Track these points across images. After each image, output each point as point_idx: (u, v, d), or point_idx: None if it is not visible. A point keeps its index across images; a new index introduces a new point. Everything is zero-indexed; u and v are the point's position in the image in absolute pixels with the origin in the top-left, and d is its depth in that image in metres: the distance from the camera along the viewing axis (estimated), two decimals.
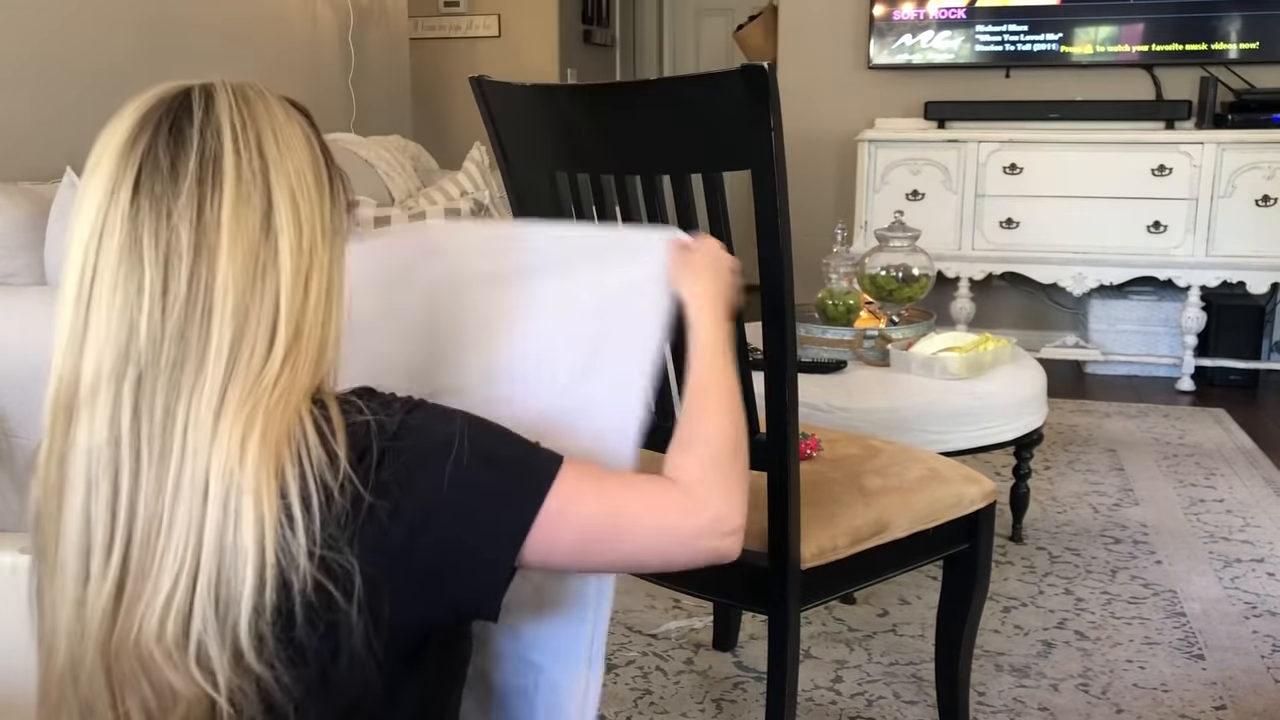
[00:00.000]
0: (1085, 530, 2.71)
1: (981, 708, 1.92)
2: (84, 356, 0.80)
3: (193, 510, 0.77)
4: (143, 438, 0.78)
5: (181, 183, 0.80)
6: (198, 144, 0.81)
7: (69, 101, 2.72)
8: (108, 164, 0.82)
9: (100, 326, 0.79)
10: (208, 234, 0.80)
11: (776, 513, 1.41)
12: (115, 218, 0.80)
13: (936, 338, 2.48)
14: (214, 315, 0.79)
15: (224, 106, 0.84)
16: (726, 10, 6.24)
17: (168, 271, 0.79)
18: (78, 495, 0.79)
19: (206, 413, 0.78)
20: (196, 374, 0.78)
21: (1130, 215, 3.96)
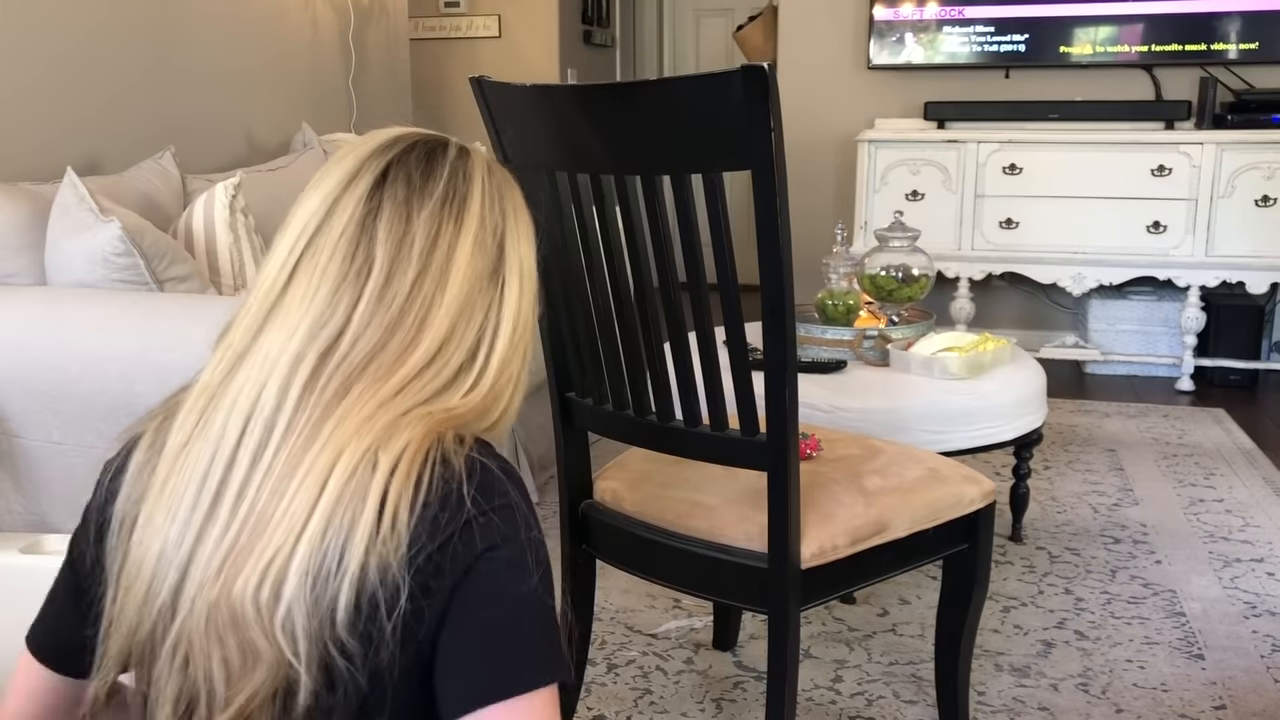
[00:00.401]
0: (1085, 530, 2.72)
1: (981, 707, 1.92)
2: (273, 316, 0.83)
3: (325, 474, 0.78)
4: (306, 404, 0.80)
5: (427, 200, 0.85)
6: (447, 175, 0.87)
7: (69, 102, 2.73)
8: (352, 159, 0.87)
9: (304, 295, 0.83)
10: (439, 256, 0.85)
11: (776, 513, 1.42)
12: (348, 202, 0.84)
13: (936, 338, 2.48)
14: (426, 330, 0.83)
15: (479, 164, 0.90)
16: (726, 10, 6.24)
17: (394, 268, 0.83)
18: (229, 437, 0.81)
19: (375, 402, 0.80)
20: (390, 368, 0.82)
21: (1130, 215, 3.96)
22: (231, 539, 0.79)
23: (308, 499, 0.77)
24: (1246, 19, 4.04)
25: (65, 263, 2.14)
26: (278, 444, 0.80)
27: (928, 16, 4.32)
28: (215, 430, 0.81)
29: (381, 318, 0.82)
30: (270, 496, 0.79)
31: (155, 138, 2.93)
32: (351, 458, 0.78)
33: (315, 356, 0.81)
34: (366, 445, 0.78)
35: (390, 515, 0.76)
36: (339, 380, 0.81)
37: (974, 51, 4.31)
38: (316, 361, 0.81)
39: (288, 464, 0.79)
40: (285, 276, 0.84)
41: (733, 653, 2.12)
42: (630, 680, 2.01)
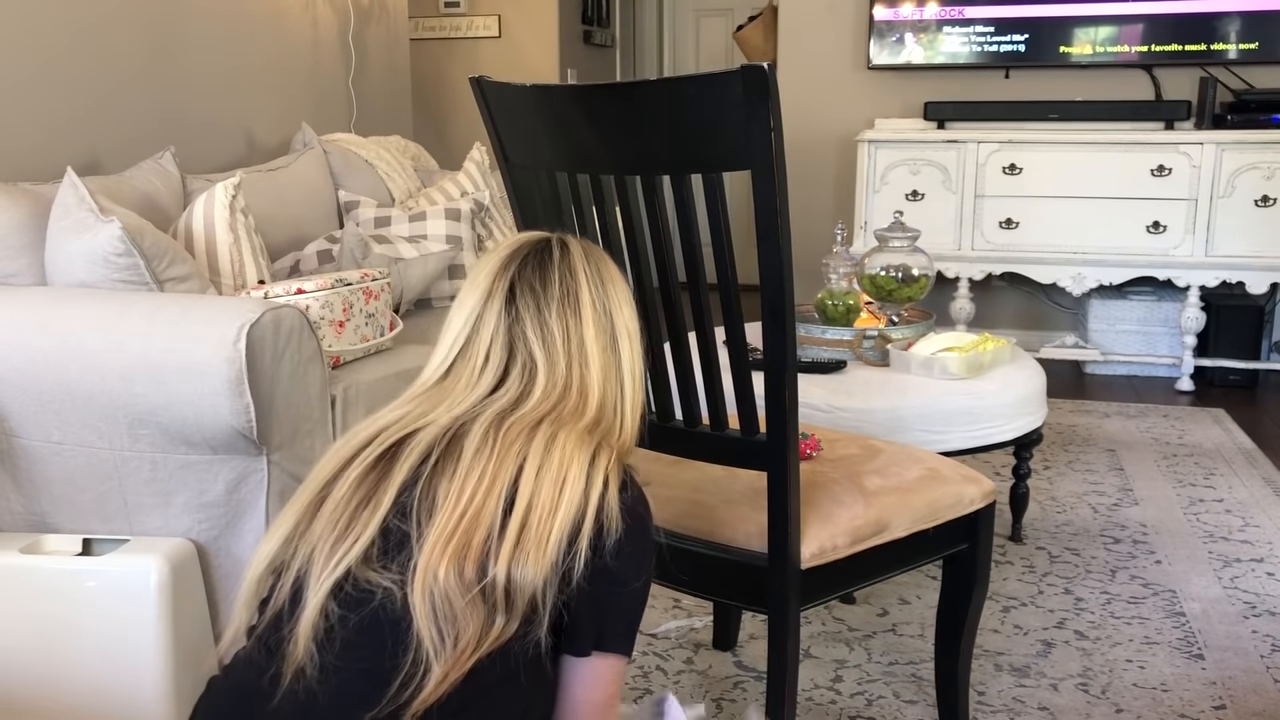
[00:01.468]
0: (1085, 530, 2.72)
1: (981, 707, 1.92)
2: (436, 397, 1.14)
3: (559, 479, 1.06)
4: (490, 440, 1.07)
5: (550, 305, 1.15)
6: (559, 278, 1.16)
7: (70, 102, 2.73)
8: (483, 280, 1.17)
9: (467, 381, 1.14)
10: (574, 343, 1.15)
11: (776, 513, 1.42)
12: (489, 317, 1.15)
13: (936, 338, 2.48)
14: (591, 395, 1.14)
15: (578, 257, 1.18)
16: (726, 10, 6.24)
17: (551, 358, 1.14)
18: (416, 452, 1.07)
19: (575, 437, 1.09)
20: (577, 415, 1.12)
21: (1130, 215, 3.97)
22: (447, 539, 1.02)
23: (552, 489, 1.04)
24: (1246, 19, 4.04)
25: (65, 263, 2.14)
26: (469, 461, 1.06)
27: (928, 16, 4.32)
28: (414, 446, 1.09)
29: (555, 389, 1.13)
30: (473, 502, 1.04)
31: (155, 138, 2.93)
32: (582, 464, 1.06)
33: (493, 416, 1.09)
34: (588, 457, 1.07)
35: (609, 515, 1.05)
36: (528, 421, 1.09)
37: (974, 51, 4.31)
38: (495, 419, 1.09)
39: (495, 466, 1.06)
40: (442, 373, 1.15)
41: (733, 653, 2.12)
42: (630, 680, 2.01)
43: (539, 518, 1.02)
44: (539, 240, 1.19)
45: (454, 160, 4.04)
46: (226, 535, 1.95)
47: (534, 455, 1.06)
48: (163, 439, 1.90)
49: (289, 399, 1.91)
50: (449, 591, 1.00)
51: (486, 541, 1.02)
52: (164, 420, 1.87)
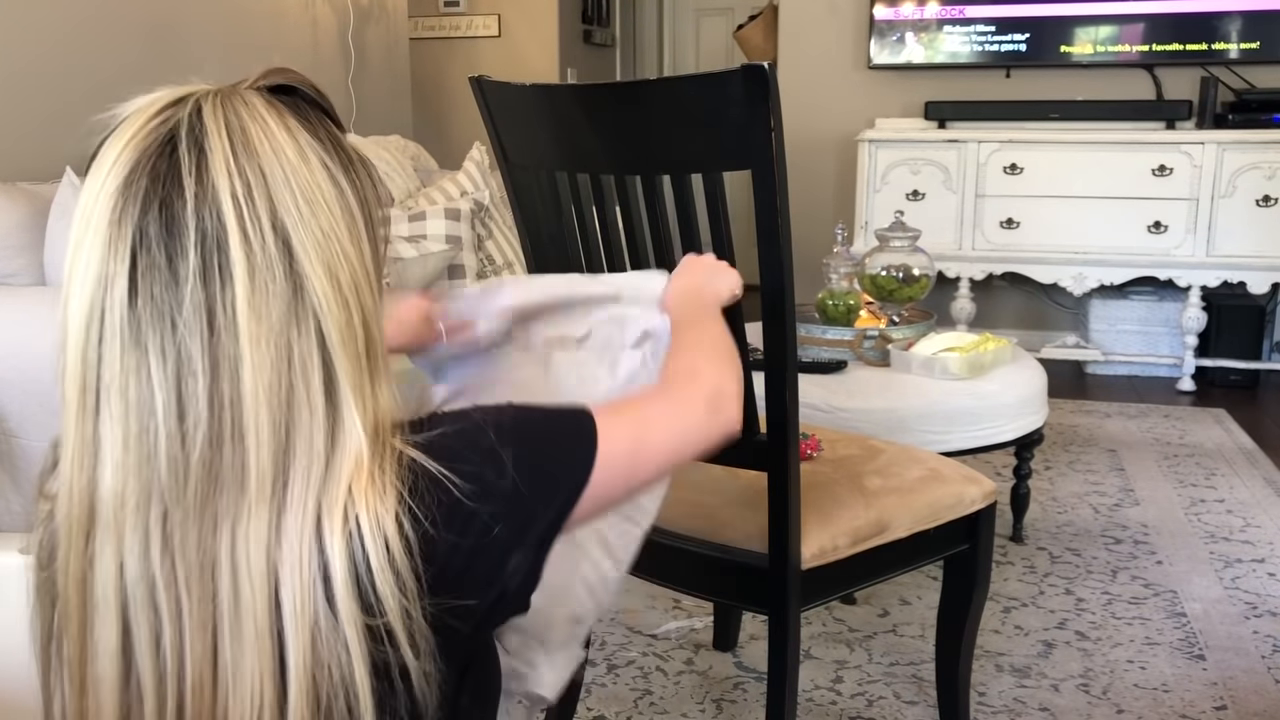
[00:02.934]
0: (1086, 530, 2.71)
1: (982, 708, 1.91)
2: (100, 472, 0.71)
3: (264, 655, 0.69)
4: (180, 580, 0.70)
5: (184, 285, 0.69)
6: (195, 226, 0.70)
7: (69, 101, 2.72)
8: (96, 244, 0.71)
9: (114, 445, 0.70)
10: (223, 342, 0.69)
11: (776, 513, 1.41)
12: (113, 319, 0.70)
13: (937, 338, 2.48)
14: (247, 434, 0.69)
15: (219, 158, 0.71)
16: (726, 10, 6.24)
17: (182, 393, 0.69)
18: (110, 631, 0.71)
19: (257, 550, 0.69)
20: (237, 505, 0.70)
21: (1131, 215, 3.96)
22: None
23: (256, 681, 0.70)
24: (1247, 19, 4.04)
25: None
26: (173, 635, 0.71)
27: (928, 16, 4.31)
28: (99, 623, 0.72)
29: (195, 457, 0.69)
30: (199, 691, 0.71)
31: None
32: (293, 617, 0.70)
33: (159, 526, 0.70)
34: (296, 595, 0.70)
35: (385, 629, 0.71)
36: (193, 540, 0.70)
37: (974, 51, 4.31)
38: (162, 531, 0.70)
39: (201, 654, 0.70)
40: (92, 410, 0.71)
41: (733, 653, 2.12)
42: (630, 681, 2.01)
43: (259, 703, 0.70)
44: (160, 140, 0.74)
45: (454, 160, 4.04)
46: None
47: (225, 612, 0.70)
48: None
49: None
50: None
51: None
52: None
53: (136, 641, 0.71)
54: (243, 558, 0.69)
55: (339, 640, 0.69)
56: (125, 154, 0.73)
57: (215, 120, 0.73)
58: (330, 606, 0.69)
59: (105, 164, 0.73)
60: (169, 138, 0.73)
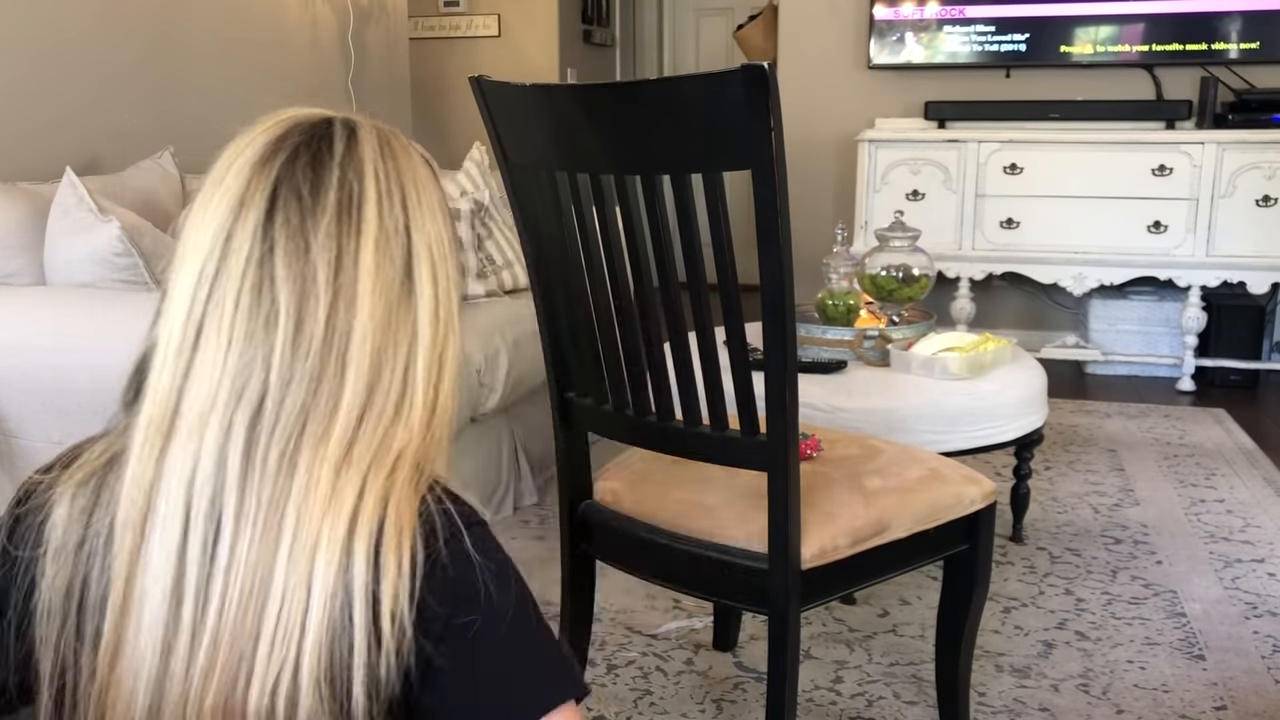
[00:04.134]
0: (1085, 530, 2.71)
1: (982, 708, 1.91)
2: (190, 380, 0.74)
3: (308, 574, 0.71)
4: (251, 484, 0.73)
5: (321, 216, 0.76)
6: (338, 178, 0.77)
7: (69, 101, 2.72)
8: (235, 180, 0.77)
9: (216, 353, 0.74)
10: (345, 277, 0.75)
11: (776, 513, 1.41)
12: (243, 239, 0.75)
13: (937, 338, 2.48)
14: (349, 367, 0.74)
15: (369, 147, 0.79)
16: (726, 10, 6.24)
17: (302, 309, 0.74)
18: (171, 533, 0.73)
19: (329, 470, 0.73)
20: (326, 424, 0.74)
21: (1130, 215, 3.96)
22: (208, 654, 0.72)
23: (298, 605, 0.71)
24: (1247, 18, 4.04)
25: (64, 263, 2.14)
26: (231, 539, 0.72)
27: (928, 16, 4.31)
28: (159, 538, 0.73)
29: (302, 370, 0.74)
30: (244, 603, 0.71)
31: (155, 137, 2.93)
32: (331, 552, 0.71)
33: (244, 428, 0.73)
34: (342, 534, 0.72)
35: (389, 607, 0.72)
36: (276, 451, 0.73)
37: (974, 51, 4.31)
38: (247, 434, 0.73)
39: (252, 565, 0.72)
40: (194, 332, 0.75)
41: (733, 653, 2.12)
42: (630, 681, 2.01)
43: (280, 644, 0.71)
44: (314, 120, 0.80)
45: (454, 160, 4.04)
46: None
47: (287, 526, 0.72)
48: None
49: None
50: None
51: (252, 683, 0.72)
52: None
53: (190, 542, 0.73)
54: (312, 489, 0.72)
55: (348, 610, 0.72)
56: (278, 124, 0.80)
57: (367, 125, 0.81)
58: (347, 575, 0.72)
59: (255, 130, 0.80)
60: (326, 121, 0.80)
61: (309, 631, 0.71)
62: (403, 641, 0.72)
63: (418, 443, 0.77)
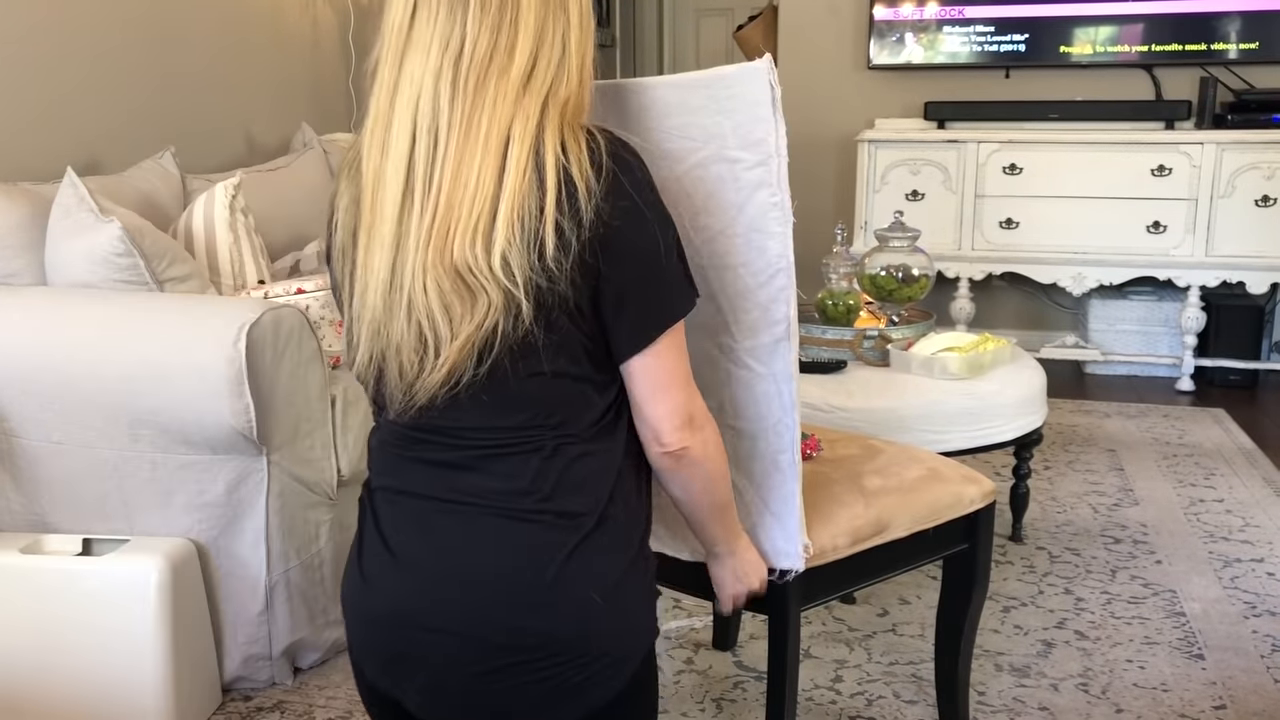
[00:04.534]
0: (1085, 530, 2.71)
1: (981, 707, 1.92)
2: (410, 44, 1.03)
3: (501, 153, 1.00)
4: (457, 102, 1.01)
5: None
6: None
7: (69, 102, 2.72)
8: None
9: (428, 16, 1.02)
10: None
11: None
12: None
13: (936, 338, 2.48)
14: (520, 25, 1.02)
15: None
16: (726, 10, 6.24)
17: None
18: (404, 142, 1.02)
19: (511, 91, 1.01)
20: (507, 61, 1.02)
21: (1130, 215, 3.96)
22: (430, 217, 1.01)
23: (493, 168, 1.00)
24: (1247, 19, 4.04)
25: (65, 263, 2.14)
26: (445, 139, 1.01)
27: (928, 16, 4.31)
28: (395, 149, 1.02)
29: (486, 24, 1.02)
30: (455, 178, 1.00)
31: (155, 138, 2.93)
32: (521, 131, 1.00)
33: (450, 67, 1.01)
34: (534, 127, 1.01)
35: (575, 175, 1.00)
36: (474, 77, 1.01)
37: (974, 51, 4.31)
38: (453, 70, 1.01)
39: (459, 151, 1.00)
40: (409, 13, 1.03)
41: (733, 653, 2.12)
42: None
43: (479, 199, 1.00)
44: None
45: None
46: (226, 535, 1.95)
47: (482, 125, 1.01)
48: (163, 439, 1.90)
49: (289, 399, 1.91)
50: (438, 279, 1.01)
51: (460, 227, 1.00)
52: (164, 420, 1.87)
53: (418, 146, 1.02)
54: (499, 100, 1.01)
55: (539, 175, 1.00)
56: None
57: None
58: (539, 174, 1.00)
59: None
60: None
61: (505, 188, 0.99)
62: (589, 207, 1.00)
63: (576, 92, 1.05)
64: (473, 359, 1.02)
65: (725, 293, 1.29)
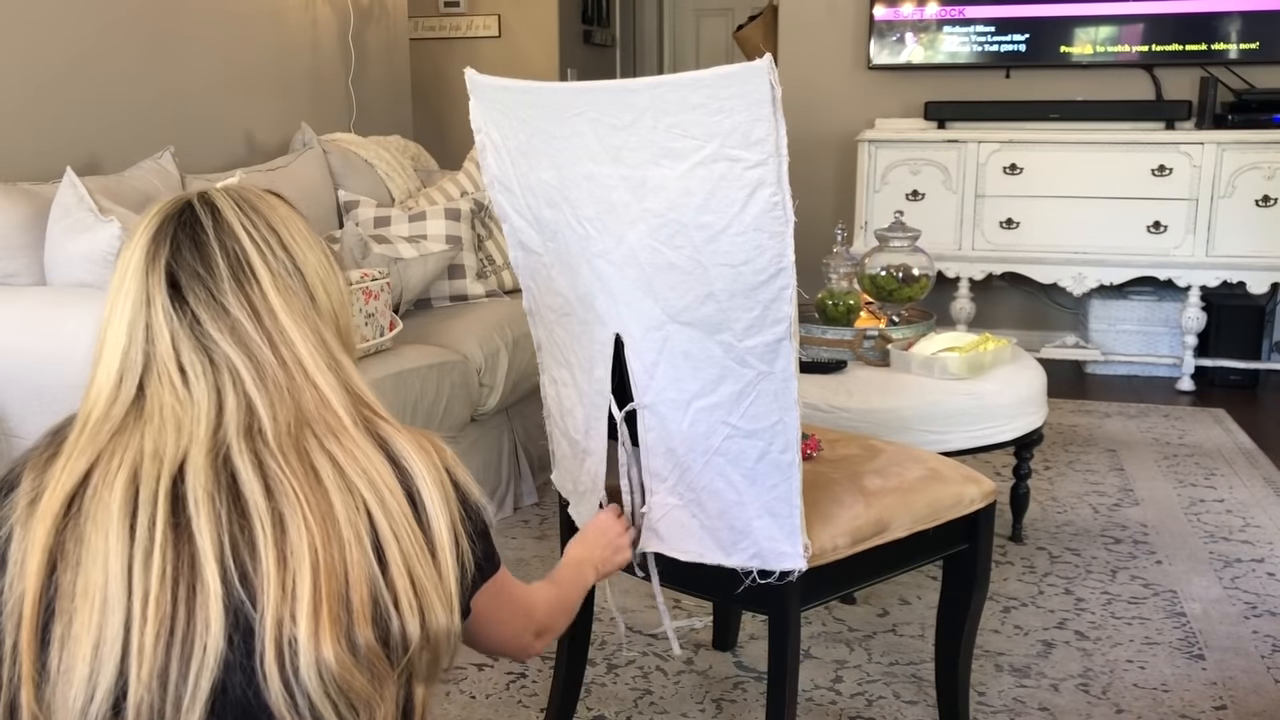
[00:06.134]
0: (1085, 530, 2.71)
1: (981, 708, 1.92)
2: (133, 427, 0.86)
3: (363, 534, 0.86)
4: (273, 468, 0.85)
5: (222, 283, 0.90)
6: (218, 247, 0.90)
7: (70, 102, 2.72)
8: (132, 282, 0.90)
9: (173, 402, 0.86)
10: (268, 321, 0.90)
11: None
12: (160, 324, 0.88)
13: (937, 338, 2.48)
14: (318, 378, 0.91)
15: (229, 212, 0.92)
16: (726, 10, 6.24)
17: (248, 351, 0.89)
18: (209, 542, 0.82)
19: (362, 439, 0.90)
20: (333, 418, 0.90)
21: (1130, 215, 3.96)
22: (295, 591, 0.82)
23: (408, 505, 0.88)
24: (1247, 19, 4.04)
25: (64, 263, 2.14)
26: (269, 507, 0.84)
27: (928, 16, 4.31)
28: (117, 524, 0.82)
29: (277, 391, 0.88)
30: (326, 543, 0.84)
31: (155, 138, 2.93)
32: (425, 460, 0.91)
33: (240, 439, 0.86)
34: (416, 447, 0.91)
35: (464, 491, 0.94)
36: (290, 447, 0.86)
37: (974, 51, 4.31)
38: (245, 441, 0.86)
39: (317, 520, 0.84)
40: (130, 397, 0.87)
41: (733, 653, 2.12)
42: (630, 680, 2.01)
43: (415, 553, 0.87)
44: (178, 208, 0.92)
45: (454, 160, 4.04)
46: None
47: (358, 476, 0.87)
48: None
49: None
50: (344, 671, 0.81)
51: (374, 597, 0.84)
52: None
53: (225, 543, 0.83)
54: (358, 458, 0.88)
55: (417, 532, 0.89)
56: (149, 222, 0.92)
57: (221, 195, 0.94)
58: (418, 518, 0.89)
59: (134, 234, 0.93)
60: (185, 204, 0.93)
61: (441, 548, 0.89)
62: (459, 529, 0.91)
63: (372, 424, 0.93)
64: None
65: (726, 291, 1.29)
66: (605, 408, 1.51)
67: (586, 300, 1.48)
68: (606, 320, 1.46)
